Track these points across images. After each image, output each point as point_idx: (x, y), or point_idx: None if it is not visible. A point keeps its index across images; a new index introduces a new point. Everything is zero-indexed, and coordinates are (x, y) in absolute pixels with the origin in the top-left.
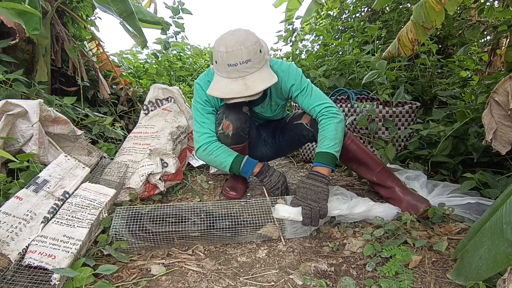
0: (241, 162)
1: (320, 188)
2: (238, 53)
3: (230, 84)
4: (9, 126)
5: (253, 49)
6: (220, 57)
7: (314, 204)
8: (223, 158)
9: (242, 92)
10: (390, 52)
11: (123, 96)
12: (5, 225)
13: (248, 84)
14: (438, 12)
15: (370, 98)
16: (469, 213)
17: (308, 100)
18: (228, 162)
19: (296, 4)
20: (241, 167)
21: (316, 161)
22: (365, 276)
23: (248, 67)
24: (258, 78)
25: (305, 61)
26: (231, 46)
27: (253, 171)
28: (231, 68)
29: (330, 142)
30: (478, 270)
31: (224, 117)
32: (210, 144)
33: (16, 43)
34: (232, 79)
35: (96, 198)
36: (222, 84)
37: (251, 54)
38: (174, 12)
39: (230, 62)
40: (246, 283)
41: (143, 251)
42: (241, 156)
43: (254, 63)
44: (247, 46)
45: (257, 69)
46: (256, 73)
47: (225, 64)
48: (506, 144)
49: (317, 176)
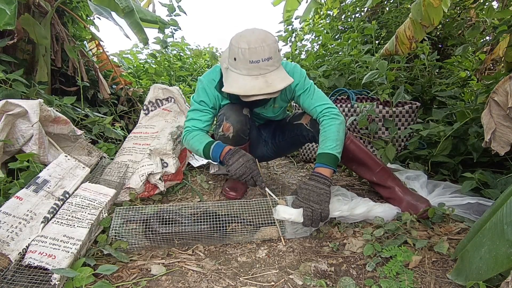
0: (209, 148)
1: (323, 190)
2: (260, 50)
3: (251, 81)
4: (9, 126)
5: (274, 47)
6: (241, 54)
7: (316, 206)
8: (196, 146)
9: (264, 89)
10: (387, 49)
11: (123, 96)
12: (5, 225)
13: (268, 81)
14: (436, 9)
15: (370, 98)
16: (469, 213)
17: (309, 100)
18: (200, 149)
19: (295, 4)
20: (210, 153)
21: (318, 162)
22: (365, 276)
23: (269, 65)
24: (277, 76)
25: (304, 61)
26: (253, 43)
27: (219, 157)
28: (252, 65)
29: (332, 143)
30: (479, 271)
31: (224, 119)
32: (188, 134)
33: (15, 43)
34: (252, 77)
35: (96, 198)
36: (241, 81)
37: (272, 52)
38: (170, 10)
39: (252, 59)
40: (246, 283)
41: (143, 251)
42: (212, 141)
43: (274, 61)
44: (269, 44)
45: (276, 67)
46: (276, 72)
47: (246, 61)
48: (505, 145)
49: (319, 177)
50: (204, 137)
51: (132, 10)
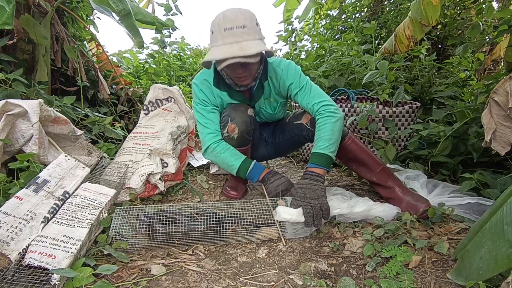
0: (248, 167)
1: (317, 186)
2: (234, 17)
3: (226, 48)
4: (9, 126)
5: (250, 18)
6: (217, 24)
7: (314, 202)
8: (230, 162)
9: (237, 52)
10: (386, 48)
11: (123, 96)
12: (5, 225)
13: (243, 47)
14: (434, 8)
15: (370, 98)
16: (469, 213)
17: (307, 98)
18: (236, 166)
19: (295, 4)
20: (247, 172)
21: (311, 162)
22: (365, 276)
23: (244, 33)
24: (253, 44)
25: (304, 61)
26: (228, 13)
27: (259, 177)
28: (227, 32)
29: (325, 143)
30: (479, 271)
31: (229, 120)
32: (217, 146)
33: (15, 43)
34: (228, 45)
35: (96, 198)
36: (217, 50)
37: (247, 21)
38: (167, 10)
39: (226, 26)
40: (246, 283)
41: (143, 251)
42: (249, 160)
43: (250, 30)
44: (244, 14)
45: (253, 38)
46: (252, 41)
47: (221, 30)
48: (505, 145)
49: (312, 175)
50: (238, 153)
51: (128, 13)
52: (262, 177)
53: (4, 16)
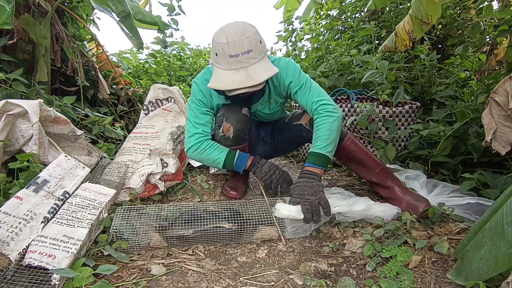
0: (234, 157)
1: (314, 183)
2: (239, 43)
3: (232, 75)
4: (9, 126)
5: (254, 39)
6: (220, 49)
7: (312, 198)
8: (215, 155)
9: (245, 82)
10: (386, 46)
11: (123, 96)
12: (5, 225)
13: (250, 74)
14: (435, 6)
15: (370, 98)
16: (469, 213)
17: (306, 96)
18: (221, 158)
19: (295, 4)
20: (234, 162)
21: (308, 161)
22: (365, 276)
23: (250, 58)
24: (260, 68)
25: (304, 61)
26: (232, 37)
27: (246, 164)
28: (232, 59)
29: (323, 143)
30: (479, 271)
31: (224, 120)
32: (202, 143)
33: (15, 42)
34: (233, 71)
35: (96, 198)
36: (223, 76)
37: (252, 44)
38: (170, 10)
39: (231, 53)
40: (246, 283)
41: (143, 251)
42: (233, 151)
43: (255, 53)
44: (248, 36)
45: (258, 59)
46: (258, 64)
47: (226, 55)
48: (506, 145)
49: (308, 174)
50: (223, 147)
51: (128, 14)
52: (248, 165)
53: (4, 16)
